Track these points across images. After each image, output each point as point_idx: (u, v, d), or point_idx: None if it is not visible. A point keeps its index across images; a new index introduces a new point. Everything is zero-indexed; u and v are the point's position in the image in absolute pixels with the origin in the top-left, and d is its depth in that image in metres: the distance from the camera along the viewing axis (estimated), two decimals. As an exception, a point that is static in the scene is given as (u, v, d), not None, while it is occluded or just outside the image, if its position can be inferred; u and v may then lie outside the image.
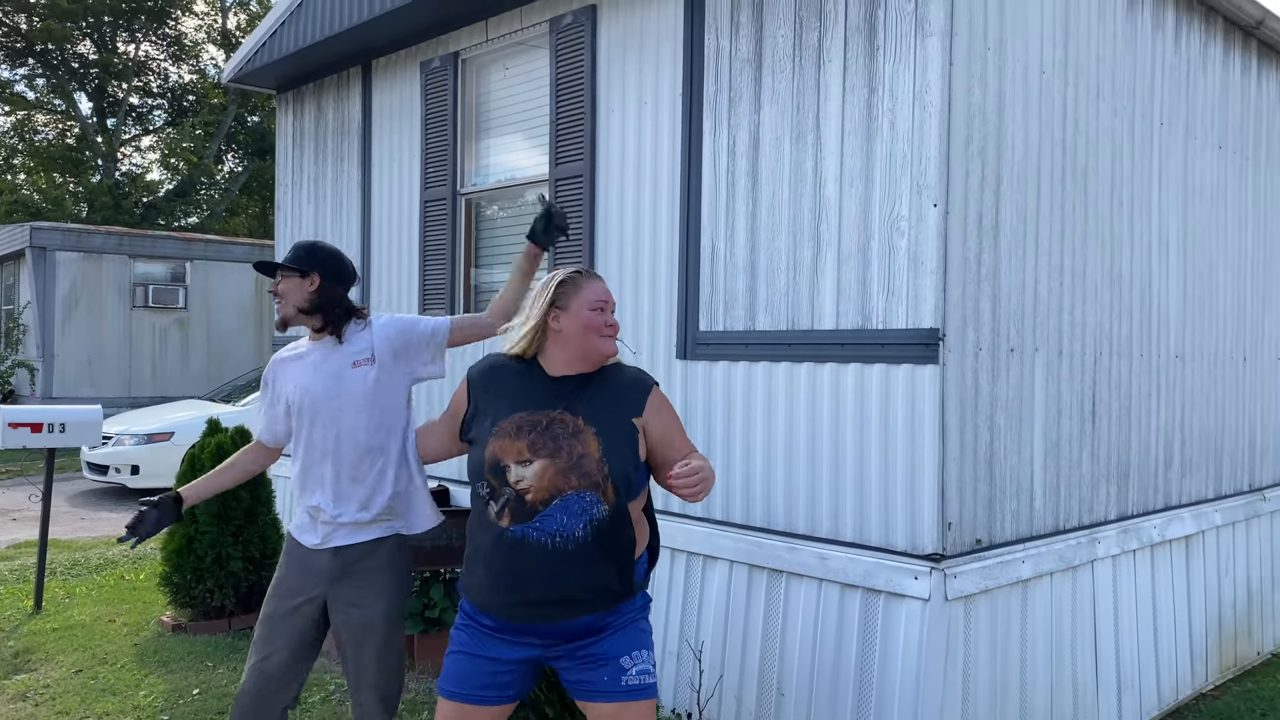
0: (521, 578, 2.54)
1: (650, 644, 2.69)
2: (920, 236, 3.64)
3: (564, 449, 2.53)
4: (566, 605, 2.56)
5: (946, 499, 3.65)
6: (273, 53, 6.71)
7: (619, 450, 2.57)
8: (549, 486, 2.51)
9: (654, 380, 2.78)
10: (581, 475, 2.51)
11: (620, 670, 2.58)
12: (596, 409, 2.61)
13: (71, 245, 15.18)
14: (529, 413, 2.61)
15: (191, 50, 27.12)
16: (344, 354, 3.11)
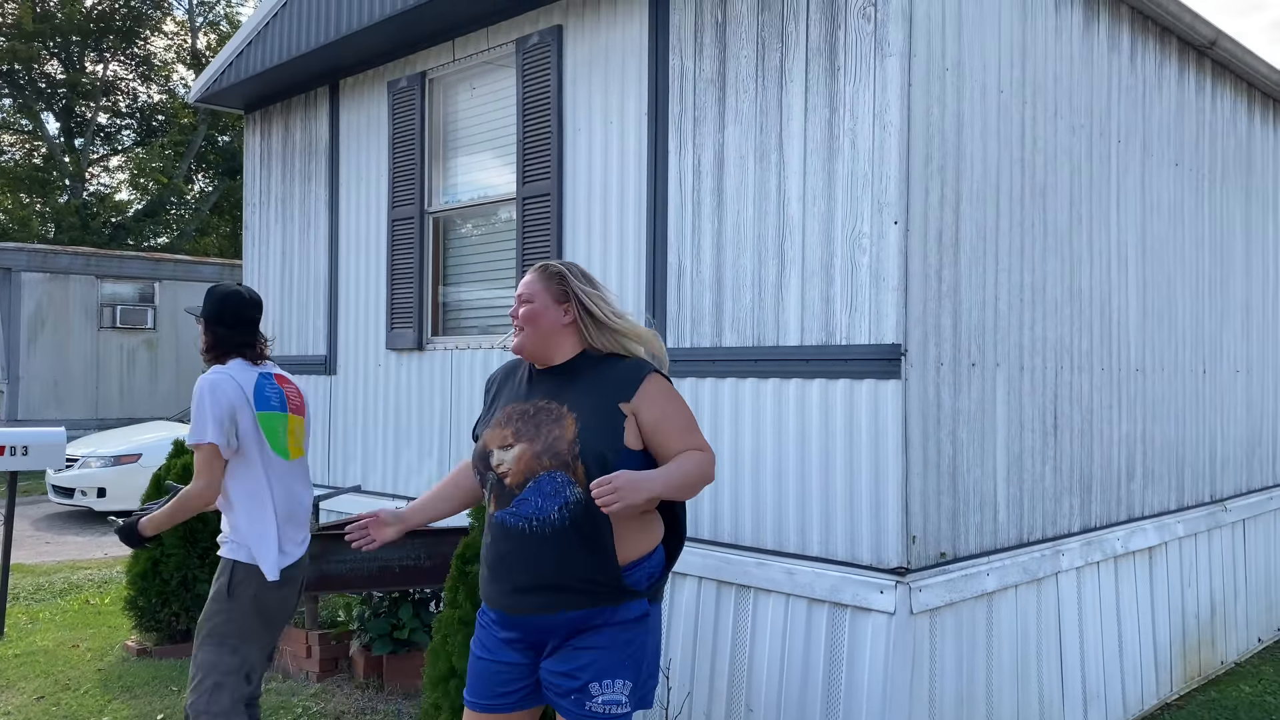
0: (506, 562, 2.58)
1: (632, 668, 2.58)
2: (882, 254, 3.68)
3: (542, 433, 2.56)
4: (550, 593, 2.53)
5: (910, 513, 3.68)
6: (240, 72, 6.71)
7: (594, 432, 2.54)
8: (524, 469, 2.54)
9: (655, 370, 2.69)
10: (553, 456, 2.52)
11: (586, 696, 2.55)
12: (581, 395, 2.61)
13: (38, 266, 15.02)
14: (519, 402, 2.68)
15: (161, 70, 26.97)
16: None
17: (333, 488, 6.22)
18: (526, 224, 5.16)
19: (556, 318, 2.68)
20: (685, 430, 2.65)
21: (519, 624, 2.61)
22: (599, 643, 2.55)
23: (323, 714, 4.67)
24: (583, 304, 2.68)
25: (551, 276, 2.73)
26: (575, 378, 2.66)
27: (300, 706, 4.75)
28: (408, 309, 5.90)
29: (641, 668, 2.62)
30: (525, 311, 2.68)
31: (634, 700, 2.60)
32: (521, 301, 2.70)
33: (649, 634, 2.64)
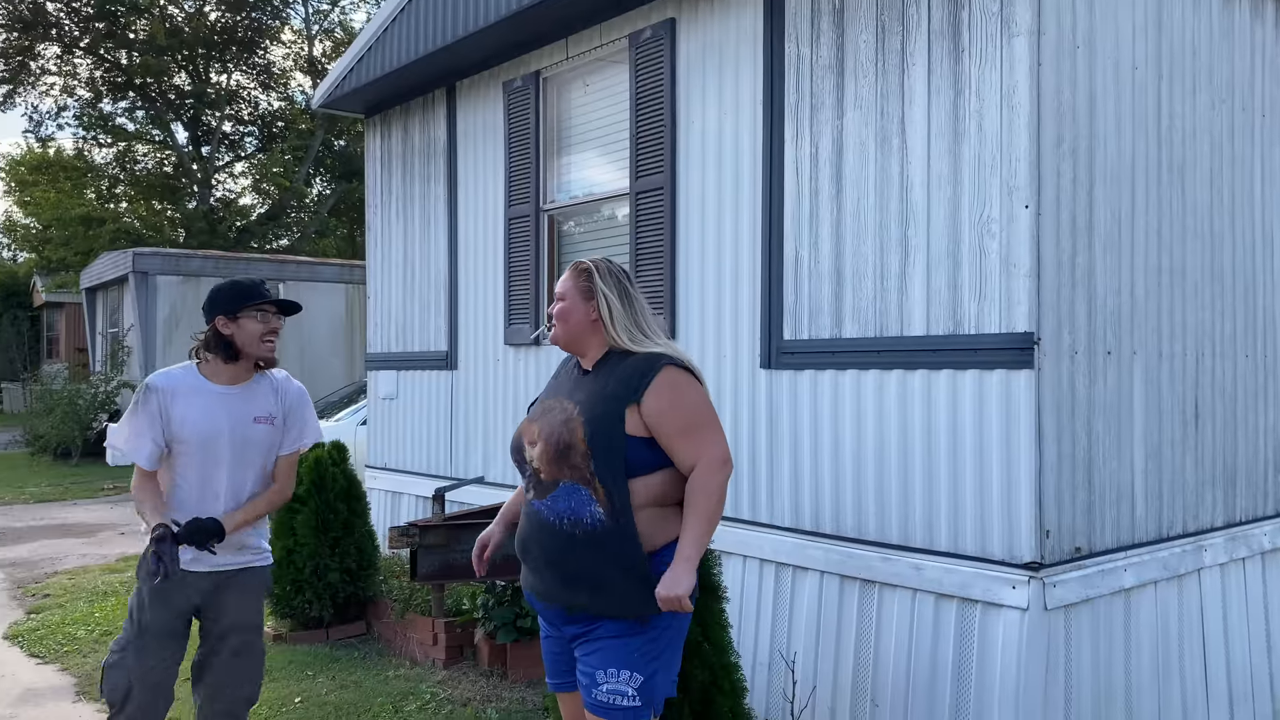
0: (537, 550, 2.69)
1: (640, 661, 2.59)
2: (1012, 239, 3.57)
3: (555, 433, 2.64)
4: (566, 584, 2.63)
5: (1044, 506, 3.57)
6: (360, 78, 6.91)
7: (599, 436, 2.59)
8: (551, 471, 2.64)
9: (670, 363, 2.67)
10: (571, 468, 2.60)
11: (593, 683, 2.61)
12: (593, 395, 2.67)
13: (171, 269, 15.78)
14: (553, 398, 2.80)
15: (280, 78, 28.02)
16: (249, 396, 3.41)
17: (456, 479, 6.36)
18: (639, 219, 5.18)
19: (584, 314, 2.76)
20: (683, 432, 2.62)
21: (546, 612, 2.76)
22: (610, 632, 2.61)
23: (450, 700, 4.79)
24: (605, 301, 2.74)
25: (581, 274, 2.81)
26: (595, 376, 2.74)
27: (428, 692, 4.88)
28: (524, 305, 5.99)
29: (654, 663, 2.62)
30: (557, 309, 2.80)
31: (644, 695, 2.60)
32: (557, 298, 2.81)
33: (666, 626, 2.64)
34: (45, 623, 6.44)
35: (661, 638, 2.65)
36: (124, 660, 3.28)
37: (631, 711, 2.58)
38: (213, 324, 3.29)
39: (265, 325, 3.29)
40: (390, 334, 7.34)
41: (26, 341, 22.57)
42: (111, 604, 6.81)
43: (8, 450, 17.01)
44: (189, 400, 3.24)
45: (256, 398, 3.34)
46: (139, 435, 3.21)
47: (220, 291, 3.31)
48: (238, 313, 3.26)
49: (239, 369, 3.33)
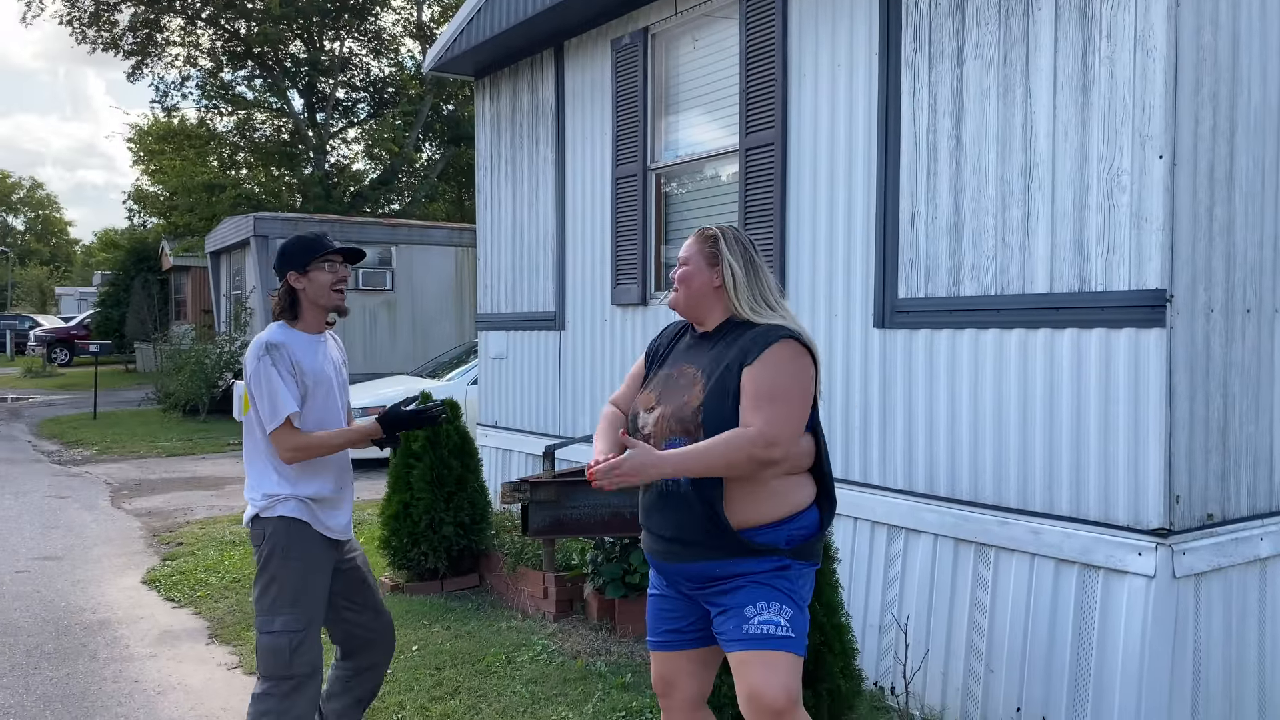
0: (649, 514, 2.75)
1: (785, 599, 2.59)
2: (1144, 191, 3.41)
3: (676, 397, 2.67)
4: (683, 545, 2.64)
5: (1174, 471, 3.42)
6: (470, 39, 6.97)
7: (716, 399, 2.59)
8: (662, 432, 2.66)
9: (787, 335, 2.62)
10: (679, 421, 2.62)
11: (743, 619, 2.59)
12: (713, 361, 2.67)
13: (290, 233, 16.13)
14: (670, 367, 2.80)
15: (390, 44, 28.50)
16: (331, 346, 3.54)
17: (565, 437, 6.45)
18: (749, 176, 5.11)
19: (707, 280, 2.75)
20: (757, 398, 2.55)
21: (663, 569, 2.76)
22: (748, 569, 2.60)
23: (560, 652, 4.89)
24: (730, 270, 2.71)
25: (706, 240, 2.79)
26: (716, 343, 2.72)
27: (539, 644, 4.99)
28: (631, 265, 6.00)
29: (796, 604, 2.62)
30: (680, 273, 2.78)
31: (797, 628, 2.59)
32: (680, 263, 2.80)
33: (796, 582, 2.64)
34: (179, 569, 6.80)
35: (795, 588, 2.64)
36: (313, 634, 3.34)
37: (785, 641, 2.57)
38: (285, 280, 3.36)
39: (334, 274, 3.39)
40: (500, 295, 7.45)
41: (156, 304, 23.63)
42: (239, 553, 7.14)
43: (141, 407, 17.94)
44: (304, 350, 3.36)
45: (332, 347, 3.53)
46: (293, 389, 3.27)
47: (288, 247, 3.38)
48: (307, 266, 3.35)
49: (318, 320, 3.43)
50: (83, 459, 12.43)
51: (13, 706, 4.44)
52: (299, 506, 3.31)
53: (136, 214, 34.48)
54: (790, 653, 2.57)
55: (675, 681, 2.83)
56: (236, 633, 5.42)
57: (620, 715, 4.12)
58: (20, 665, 4.96)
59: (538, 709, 4.24)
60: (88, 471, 11.40)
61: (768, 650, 2.55)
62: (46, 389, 23.18)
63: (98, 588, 6.44)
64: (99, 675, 4.84)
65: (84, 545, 7.66)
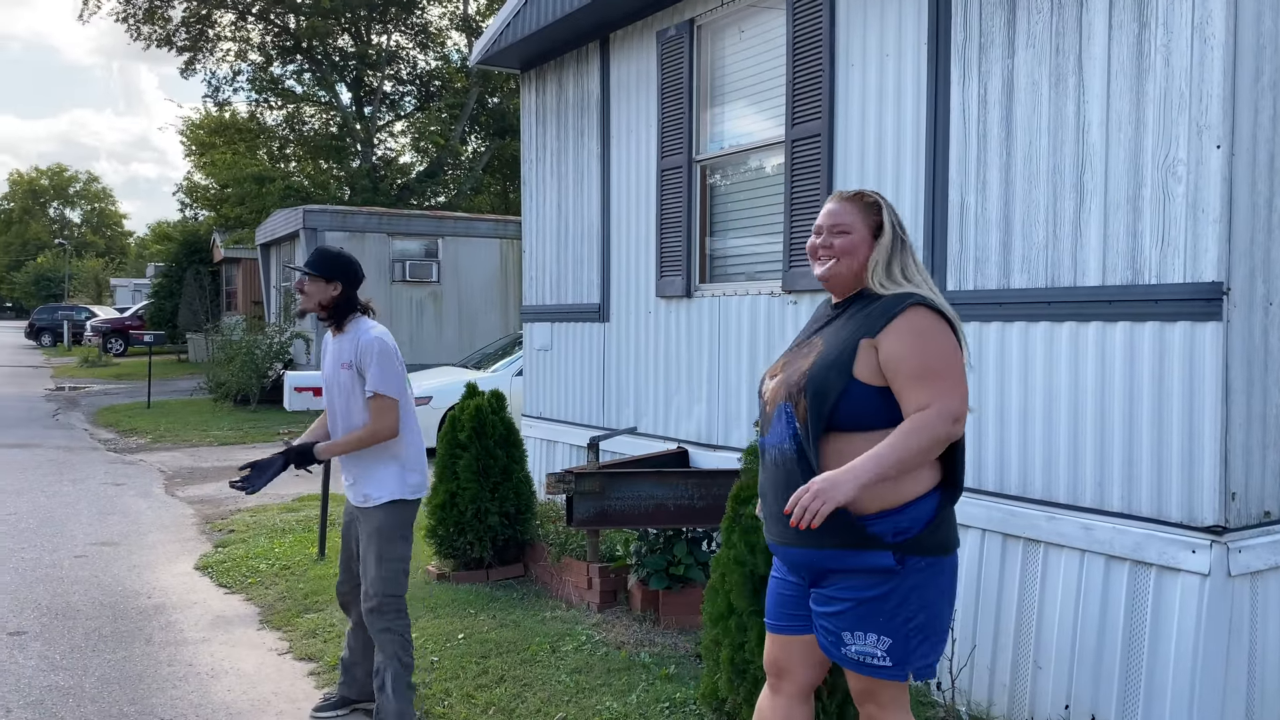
0: (764, 490, 2.70)
1: (886, 625, 2.46)
2: (1200, 182, 3.34)
3: (794, 366, 2.60)
4: (784, 521, 2.52)
5: (1230, 467, 3.35)
6: (516, 33, 6.99)
7: (823, 367, 2.51)
8: (774, 398, 2.61)
9: (917, 301, 2.50)
10: (786, 387, 2.57)
11: (840, 642, 2.55)
12: (835, 330, 2.61)
13: (338, 225, 16.51)
14: (803, 339, 2.73)
15: (436, 38, 28.70)
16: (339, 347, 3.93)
17: (608, 429, 6.47)
18: (795, 167, 5.09)
19: (868, 252, 2.59)
20: (916, 377, 2.43)
21: (778, 551, 2.69)
22: (848, 593, 2.51)
23: (604, 642, 4.91)
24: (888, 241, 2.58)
25: (870, 206, 2.62)
26: (843, 314, 2.65)
27: (583, 634, 5.02)
28: (676, 257, 6.00)
29: (906, 627, 2.47)
30: (841, 243, 2.59)
31: (896, 657, 2.48)
32: (838, 231, 2.60)
33: (912, 589, 2.47)
34: (231, 556, 6.93)
35: (908, 597, 2.46)
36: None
37: (882, 670, 2.50)
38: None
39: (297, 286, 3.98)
40: (545, 287, 7.48)
41: (208, 295, 24.06)
42: (289, 541, 7.27)
43: (193, 396, 18.29)
44: (325, 348, 4.08)
45: (343, 346, 3.92)
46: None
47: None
48: None
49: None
50: (137, 447, 12.70)
51: (72, 687, 4.56)
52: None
53: (188, 206, 35.09)
54: (886, 679, 2.52)
55: (789, 668, 2.72)
56: (287, 619, 5.51)
57: (664, 706, 4.13)
58: (79, 647, 5.09)
59: (582, 698, 4.26)
60: (142, 459, 11.65)
61: (869, 676, 2.55)
62: (102, 378, 23.70)
63: (152, 573, 6.59)
64: (154, 658, 4.95)
65: (139, 531, 7.83)
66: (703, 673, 3.77)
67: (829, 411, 2.47)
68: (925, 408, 2.42)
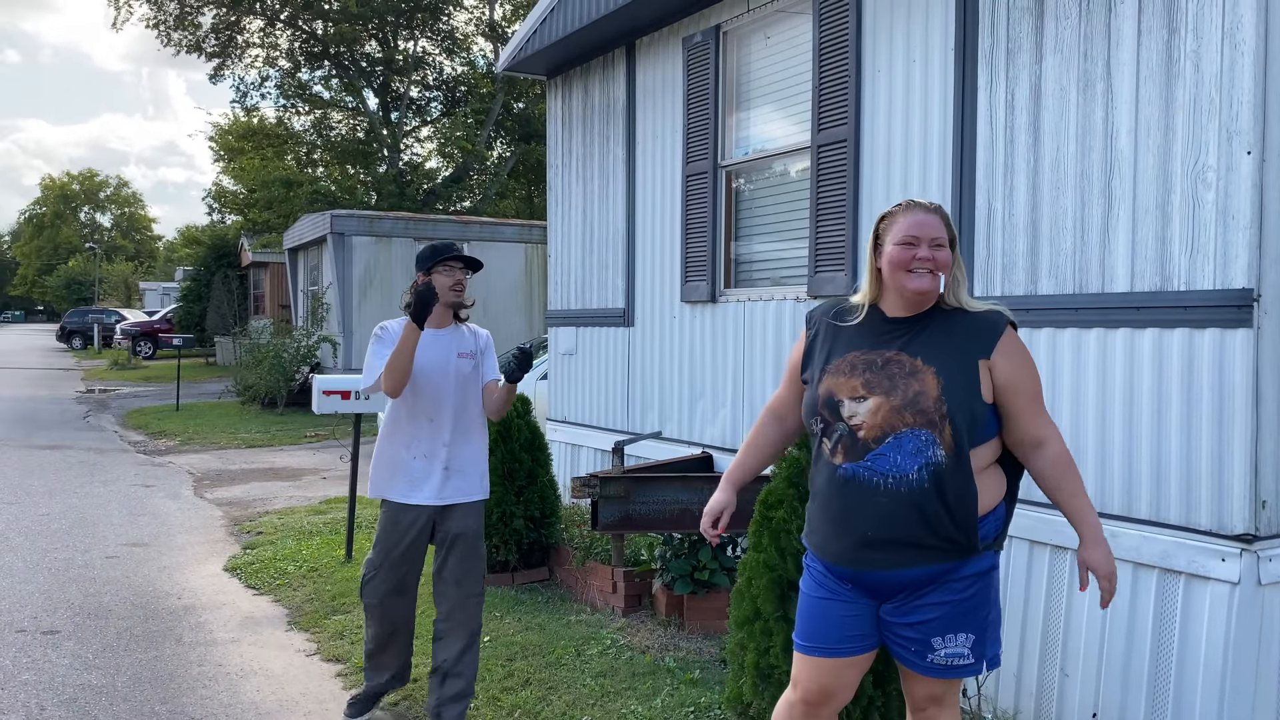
0: (852, 516, 2.51)
1: (975, 622, 2.53)
2: (1230, 188, 3.32)
3: (899, 387, 2.46)
4: (899, 549, 2.47)
5: (1261, 475, 3.33)
6: (543, 39, 7.04)
7: (959, 390, 2.43)
8: (882, 424, 2.45)
9: (1010, 320, 2.57)
10: (917, 413, 2.42)
11: (928, 649, 2.54)
12: (936, 349, 2.49)
13: (365, 230, 16.64)
14: (864, 351, 2.56)
15: (463, 43, 28.86)
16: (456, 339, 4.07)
17: (633, 434, 6.49)
18: (821, 173, 5.09)
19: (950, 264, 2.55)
20: (1035, 398, 2.56)
21: (857, 578, 2.57)
22: (943, 597, 2.52)
23: (629, 647, 4.93)
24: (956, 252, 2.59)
25: (946, 218, 2.59)
26: (926, 328, 2.54)
27: (608, 638, 5.04)
28: (701, 262, 6.01)
29: (986, 621, 2.57)
30: (943, 255, 2.52)
31: (977, 653, 2.56)
32: (938, 244, 2.52)
33: (992, 586, 2.59)
34: (259, 557, 7.00)
35: (990, 594, 2.58)
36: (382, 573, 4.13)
37: (966, 669, 2.57)
38: (417, 279, 3.92)
39: (451, 278, 3.95)
40: (570, 292, 7.52)
41: (235, 299, 24.31)
42: (317, 543, 7.33)
43: (221, 399, 18.47)
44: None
45: (460, 338, 4.03)
46: (382, 359, 3.90)
47: (421, 253, 3.98)
48: (432, 269, 3.94)
49: (441, 316, 3.99)
50: (166, 449, 12.84)
51: (105, 686, 4.63)
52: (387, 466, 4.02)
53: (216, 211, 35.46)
54: (967, 675, 2.60)
55: (837, 692, 2.68)
56: (314, 620, 5.57)
57: (689, 711, 4.14)
58: (111, 647, 5.17)
59: (607, 702, 4.28)
60: (171, 461, 11.78)
61: (948, 679, 2.60)
62: (132, 381, 23.98)
63: (182, 574, 6.67)
64: (185, 659, 5.01)
65: (169, 533, 7.92)
66: (727, 677, 3.78)
67: (976, 433, 2.49)
68: (1046, 433, 2.57)
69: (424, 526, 3.98)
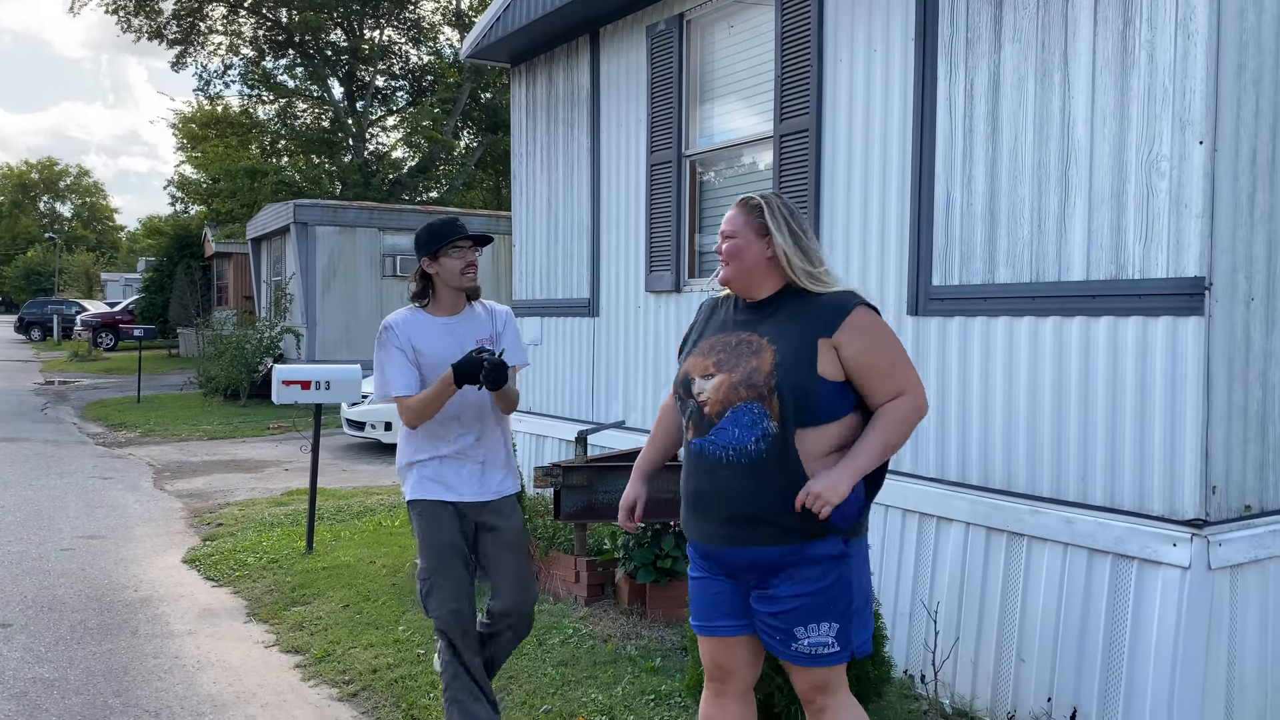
0: (703, 495, 2.63)
1: (837, 612, 2.56)
2: (1183, 177, 3.36)
3: (741, 364, 2.59)
4: (745, 525, 2.55)
5: (1211, 461, 3.38)
6: (507, 26, 6.99)
7: (791, 365, 2.53)
8: (723, 399, 2.58)
9: (861, 302, 2.62)
10: (749, 387, 2.54)
11: (791, 638, 2.58)
12: (781, 329, 2.61)
13: (329, 220, 16.49)
14: (724, 334, 2.71)
15: (429, 32, 28.64)
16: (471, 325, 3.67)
17: (597, 423, 6.48)
18: (783, 162, 5.10)
19: (759, 252, 2.67)
20: (886, 371, 2.58)
21: (714, 556, 2.66)
22: (800, 588, 2.56)
23: (591, 635, 4.92)
24: (781, 239, 2.65)
25: (753, 210, 2.72)
26: (777, 311, 2.66)
27: (571, 628, 5.03)
28: (666, 252, 6.00)
29: (847, 608, 2.59)
30: (728, 247, 2.70)
31: (843, 641, 2.59)
32: (725, 237, 2.72)
33: (852, 573, 2.61)
34: (219, 549, 6.92)
35: (852, 580, 2.59)
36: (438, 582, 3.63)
37: (832, 657, 2.59)
38: (420, 266, 3.58)
39: (463, 259, 3.54)
40: (535, 282, 7.48)
41: (198, 289, 23.99)
42: (278, 534, 7.26)
43: (183, 391, 18.25)
44: (424, 333, 3.56)
45: (476, 323, 3.62)
46: (402, 368, 3.49)
47: (420, 236, 3.58)
48: (438, 253, 3.52)
49: (454, 302, 3.61)
50: (126, 441, 12.67)
51: (56, 680, 4.55)
52: (419, 468, 3.57)
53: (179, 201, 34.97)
54: (836, 665, 2.60)
55: (733, 670, 2.76)
56: (274, 612, 5.51)
57: (649, 699, 4.15)
58: (65, 640, 5.09)
59: (567, 691, 4.27)
60: (131, 453, 11.62)
61: (813, 668, 2.61)
62: (92, 373, 23.63)
63: (139, 566, 6.58)
64: (140, 651, 4.94)
65: (126, 525, 7.82)
66: (688, 665, 3.78)
67: (808, 408, 2.53)
68: (898, 396, 2.58)
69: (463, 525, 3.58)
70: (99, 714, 4.19)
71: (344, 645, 4.91)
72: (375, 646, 4.89)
